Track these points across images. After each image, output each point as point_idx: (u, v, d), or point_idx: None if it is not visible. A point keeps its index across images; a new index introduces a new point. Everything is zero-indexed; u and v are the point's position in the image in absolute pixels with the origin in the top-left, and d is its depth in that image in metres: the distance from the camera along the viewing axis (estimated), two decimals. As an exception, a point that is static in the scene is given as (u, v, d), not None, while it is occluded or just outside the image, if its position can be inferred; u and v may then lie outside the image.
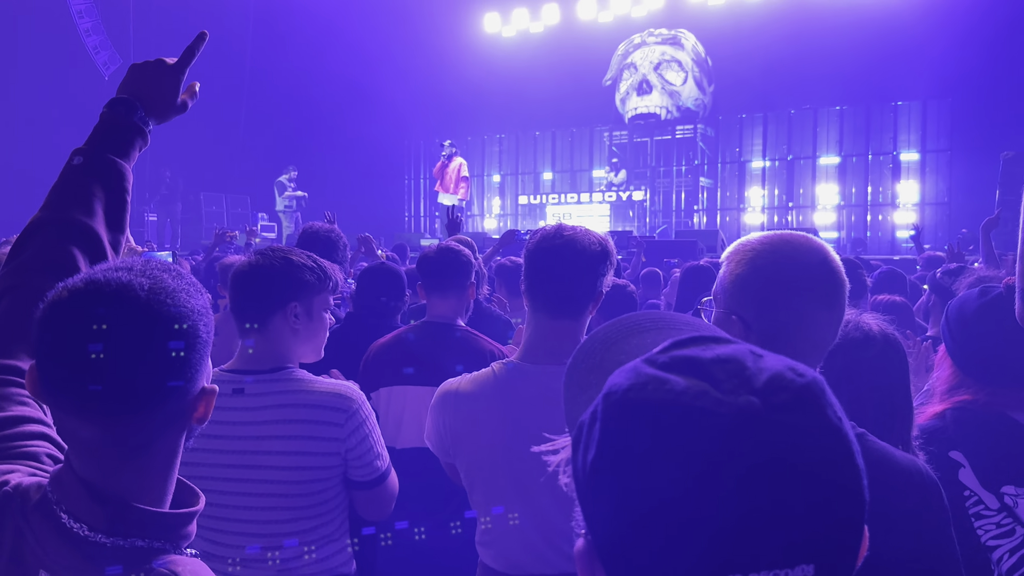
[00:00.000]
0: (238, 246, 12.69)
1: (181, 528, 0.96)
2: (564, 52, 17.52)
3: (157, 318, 0.90)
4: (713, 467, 0.52)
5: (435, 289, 2.63)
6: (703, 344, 0.59)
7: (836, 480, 0.54)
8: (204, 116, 16.07)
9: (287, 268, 1.92)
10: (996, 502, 1.68)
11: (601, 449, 0.56)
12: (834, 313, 1.27)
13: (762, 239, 1.33)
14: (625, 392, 0.57)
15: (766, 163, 16.37)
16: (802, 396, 0.55)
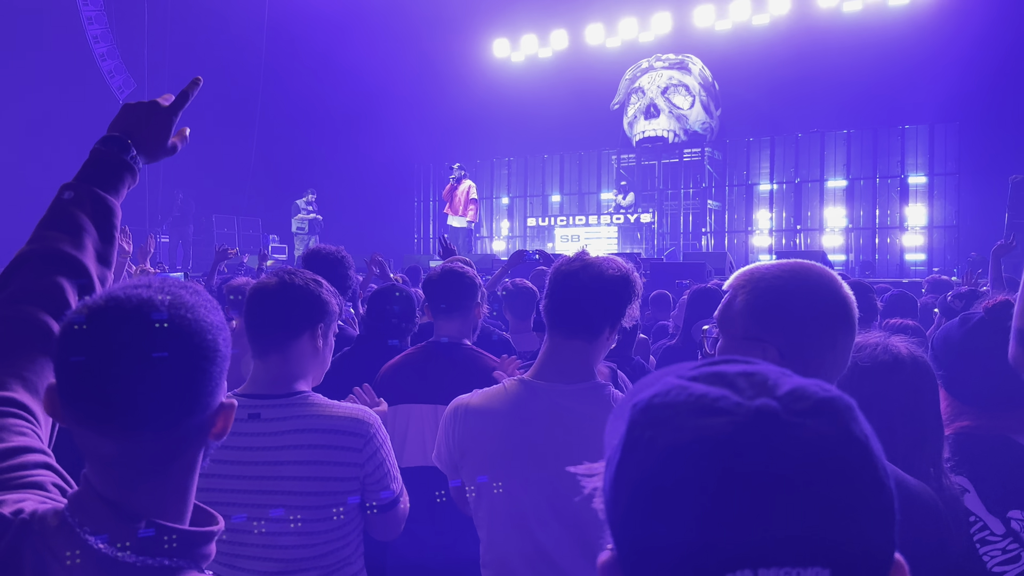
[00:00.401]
0: (249, 268, 12.78)
1: (203, 546, 0.96)
2: (572, 77, 17.67)
3: (179, 333, 0.91)
4: (730, 462, 0.53)
5: (441, 310, 2.65)
6: (732, 363, 0.61)
7: (856, 489, 0.54)
8: (216, 139, 16.25)
9: (316, 290, 1.93)
10: (1002, 527, 1.67)
11: (624, 453, 0.58)
12: (852, 339, 1.31)
13: (781, 267, 1.36)
14: (649, 399, 0.59)
15: (773, 186, 16.41)
16: (823, 406, 0.56)
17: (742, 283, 1.37)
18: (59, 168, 13.07)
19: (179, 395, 0.92)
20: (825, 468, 0.54)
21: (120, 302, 0.91)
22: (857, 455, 0.55)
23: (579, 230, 15.16)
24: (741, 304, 1.34)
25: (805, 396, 0.56)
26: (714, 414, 0.55)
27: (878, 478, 0.56)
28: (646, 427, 0.57)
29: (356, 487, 1.82)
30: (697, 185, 16.74)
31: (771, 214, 16.39)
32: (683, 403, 0.57)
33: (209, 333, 0.94)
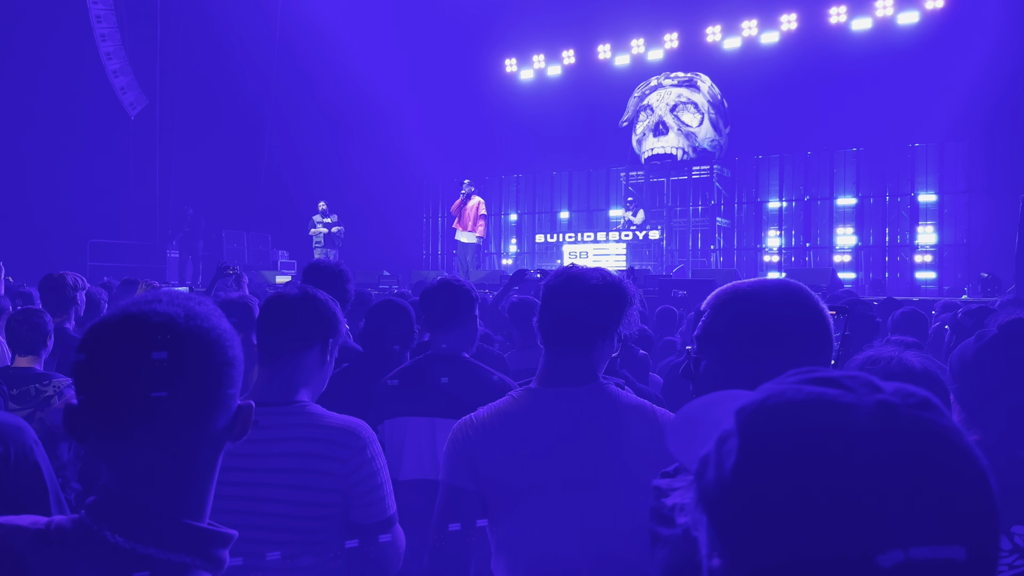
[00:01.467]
0: (259, 283, 12.82)
1: (220, 548, 0.98)
2: (581, 94, 17.75)
3: (198, 343, 0.95)
4: (864, 450, 0.56)
5: (438, 323, 2.65)
6: (822, 371, 0.65)
7: (972, 470, 0.59)
8: (227, 155, 16.39)
9: (334, 307, 1.98)
10: (1008, 543, 1.67)
11: (743, 455, 0.59)
12: (820, 353, 1.29)
13: (765, 284, 1.36)
14: (762, 402, 0.61)
15: (783, 204, 16.38)
16: (927, 400, 0.61)
17: (726, 301, 1.34)
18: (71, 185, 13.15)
19: (201, 402, 0.96)
20: (947, 452, 0.58)
21: (137, 318, 0.95)
22: (964, 441, 0.60)
23: (587, 247, 15.15)
24: (729, 322, 1.32)
25: (911, 393, 0.61)
26: (841, 408, 0.59)
27: (981, 462, 0.61)
28: (770, 431, 0.59)
29: (339, 499, 1.81)
30: (706, 203, 16.74)
31: (780, 232, 16.35)
32: (804, 402, 0.60)
33: (226, 340, 0.99)
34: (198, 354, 0.95)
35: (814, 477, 0.56)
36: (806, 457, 0.57)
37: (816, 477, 0.56)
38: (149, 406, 0.92)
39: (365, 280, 12.26)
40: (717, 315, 1.34)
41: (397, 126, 18.54)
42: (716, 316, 1.34)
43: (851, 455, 0.56)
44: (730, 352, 1.30)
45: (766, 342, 1.29)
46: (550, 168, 18.76)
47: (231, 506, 1.80)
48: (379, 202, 18.78)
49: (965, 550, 0.56)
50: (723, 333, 1.32)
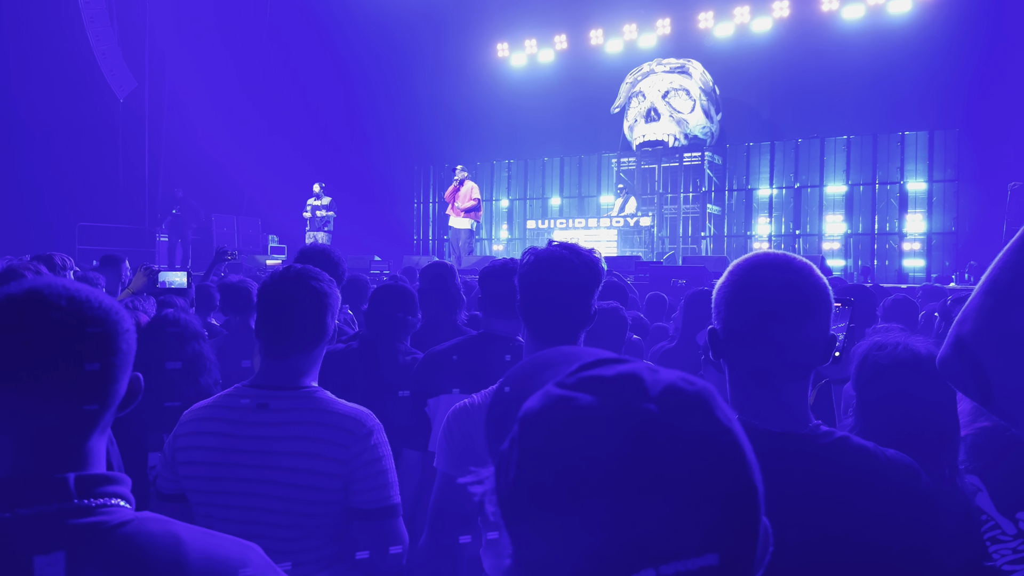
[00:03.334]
0: (249, 267, 12.79)
1: (101, 486, 1.03)
2: (573, 80, 17.71)
3: (85, 318, 1.02)
4: (619, 470, 0.57)
5: (498, 304, 2.64)
6: (606, 364, 0.66)
7: (730, 474, 0.60)
8: (216, 139, 16.28)
9: (335, 293, 1.98)
10: (1013, 528, 1.69)
11: (520, 467, 0.61)
12: (799, 330, 1.30)
13: (747, 257, 1.40)
14: (537, 413, 0.62)
15: (773, 191, 16.43)
16: (693, 401, 0.61)
17: (743, 273, 1.37)
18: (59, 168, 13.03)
19: (90, 376, 1.02)
20: (704, 463, 0.59)
21: (38, 290, 1.02)
22: (726, 442, 0.61)
23: (578, 233, 15.16)
24: (746, 294, 1.36)
25: (676, 393, 0.61)
26: (603, 425, 0.59)
27: (744, 458, 0.61)
28: (541, 447, 0.60)
29: (340, 485, 1.82)
30: (697, 189, 16.77)
31: (770, 219, 16.42)
32: (572, 418, 0.60)
33: (113, 316, 1.05)
34: (92, 330, 1.01)
35: (569, 497, 0.57)
36: (570, 477, 0.58)
37: (570, 498, 0.57)
38: (47, 382, 0.98)
39: (356, 265, 12.25)
40: (730, 282, 1.37)
41: (388, 111, 18.46)
42: (729, 283, 1.37)
43: (602, 474, 0.57)
44: (743, 323, 1.33)
45: (719, 310, 1.35)
46: (542, 154, 18.74)
47: (237, 488, 1.82)
48: (370, 187, 18.72)
49: (719, 556, 0.57)
50: (739, 305, 1.34)
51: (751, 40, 16.15)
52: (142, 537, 1.00)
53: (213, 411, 1.91)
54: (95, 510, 0.99)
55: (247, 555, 1.06)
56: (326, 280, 1.97)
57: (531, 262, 1.88)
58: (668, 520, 0.57)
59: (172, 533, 1.02)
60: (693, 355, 3.62)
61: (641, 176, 17.31)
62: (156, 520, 1.04)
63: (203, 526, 1.14)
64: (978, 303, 1.13)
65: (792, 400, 1.32)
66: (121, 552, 0.98)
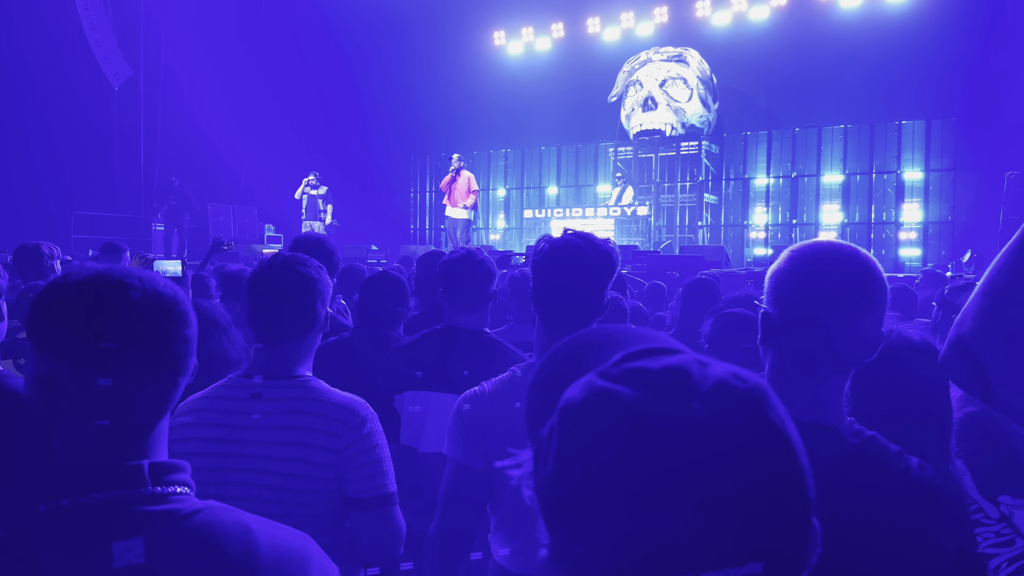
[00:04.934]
0: (246, 256, 12.78)
1: (169, 474, 1.04)
2: (570, 69, 17.65)
3: (156, 304, 1.03)
4: (662, 473, 0.55)
5: (460, 296, 2.63)
6: (652, 355, 0.62)
7: (779, 481, 0.57)
8: (211, 128, 16.22)
9: (326, 279, 1.98)
10: (995, 511, 1.71)
11: (558, 461, 0.59)
12: (858, 323, 1.30)
13: (810, 243, 1.39)
14: (578, 406, 0.60)
15: (770, 180, 16.43)
16: (744, 401, 0.58)
17: (801, 259, 1.37)
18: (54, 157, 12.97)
19: (152, 363, 1.03)
20: (752, 468, 0.56)
21: (103, 277, 1.02)
22: (777, 445, 0.58)
23: (576, 222, 15.15)
24: (803, 280, 1.36)
25: (726, 392, 0.58)
26: (646, 425, 0.57)
27: (796, 462, 0.58)
28: (581, 443, 0.58)
29: (333, 474, 1.82)
30: (694, 179, 16.76)
31: (767, 208, 16.42)
32: (614, 415, 0.58)
33: (181, 303, 1.06)
34: (170, 327, 1.02)
35: (615, 498, 0.55)
36: (611, 477, 0.56)
37: (611, 498, 0.55)
38: (119, 376, 0.98)
39: (353, 254, 12.24)
40: (793, 268, 1.36)
41: (385, 99, 18.39)
42: (791, 269, 1.36)
43: (650, 477, 0.55)
44: (804, 311, 1.32)
45: (774, 293, 1.35)
46: (539, 143, 18.70)
47: (231, 478, 1.82)
48: (367, 176, 18.68)
49: (763, 565, 0.55)
50: (802, 292, 1.33)
51: (748, 28, 16.10)
52: (215, 526, 1.01)
53: (207, 401, 1.91)
54: (167, 498, 1.01)
55: (307, 544, 1.08)
56: (314, 266, 1.96)
57: (545, 250, 1.87)
58: (711, 527, 0.54)
59: (242, 523, 1.04)
60: (692, 344, 3.63)
61: (638, 165, 17.30)
62: (226, 510, 1.05)
63: None
64: (977, 303, 1.14)
65: (832, 393, 1.33)
66: (196, 540, 0.99)
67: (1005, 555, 1.70)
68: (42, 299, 1.00)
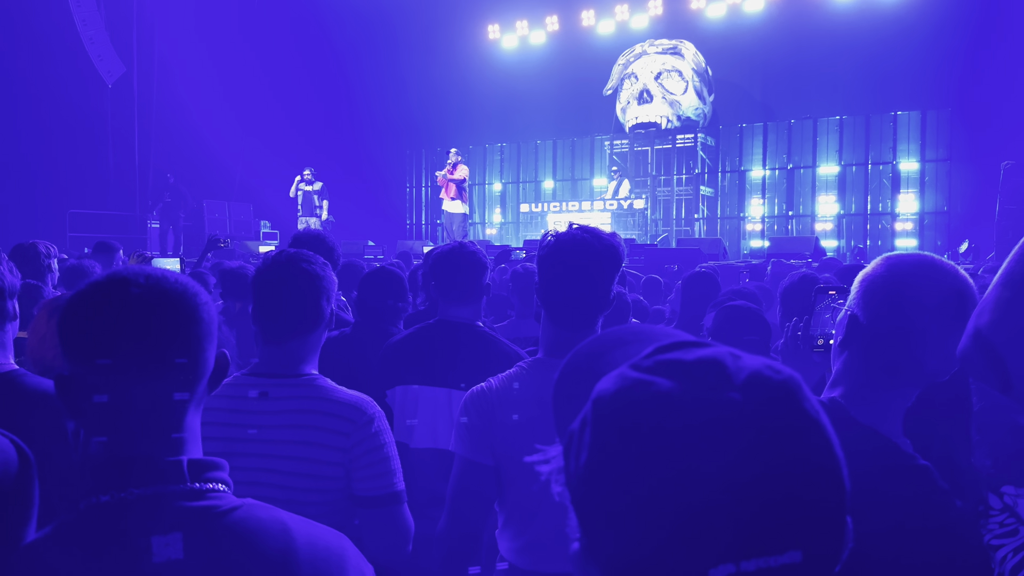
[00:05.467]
0: (242, 253, 12.75)
1: (208, 471, 1.05)
2: (565, 62, 17.63)
3: (178, 307, 1.03)
4: (700, 461, 0.55)
5: (452, 291, 2.62)
6: (685, 348, 0.62)
7: (816, 470, 0.57)
8: (206, 124, 16.17)
9: (331, 276, 1.96)
10: (999, 502, 1.71)
11: (593, 451, 0.59)
12: (948, 340, 1.29)
13: (911, 253, 1.40)
14: (612, 396, 0.60)
15: (766, 172, 16.44)
16: (779, 391, 0.59)
17: (894, 273, 1.38)
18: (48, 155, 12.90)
19: (184, 362, 1.04)
20: (790, 457, 0.56)
21: (127, 279, 1.03)
22: (813, 435, 0.58)
23: (572, 216, 15.14)
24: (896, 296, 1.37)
25: (761, 383, 0.58)
26: (682, 413, 0.57)
27: (832, 454, 0.59)
28: (616, 432, 0.58)
29: (342, 473, 1.81)
30: (690, 171, 16.76)
31: (763, 200, 16.43)
32: (649, 404, 0.58)
33: (198, 298, 1.07)
34: (178, 317, 1.02)
35: (651, 487, 0.55)
36: (647, 466, 0.56)
37: (649, 487, 0.55)
38: (140, 370, 0.99)
39: (350, 250, 12.22)
40: (891, 275, 1.36)
41: (380, 94, 18.35)
42: (889, 275, 1.36)
43: (687, 465, 0.55)
44: (900, 321, 1.33)
45: (865, 297, 1.36)
46: (534, 137, 18.68)
47: (239, 478, 1.79)
48: (362, 171, 18.65)
49: (802, 553, 0.55)
50: (901, 303, 1.34)
51: (743, 20, 16.09)
52: (253, 523, 1.02)
53: (213, 400, 1.89)
54: (205, 494, 1.02)
55: (344, 544, 1.08)
56: (319, 263, 1.94)
57: (551, 244, 1.86)
58: (751, 515, 0.54)
59: (280, 521, 1.04)
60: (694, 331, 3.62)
61: (634, 158, 17.29)
62: (263, 507, 1.06)
63: None
64: (995, 295, 1.14)
65: (899, 405, 1.35)
66: (234, 537, 1.00)
67: (1010, 545, 1.70)
68: (70, 305, 1.02)
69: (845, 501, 0.59)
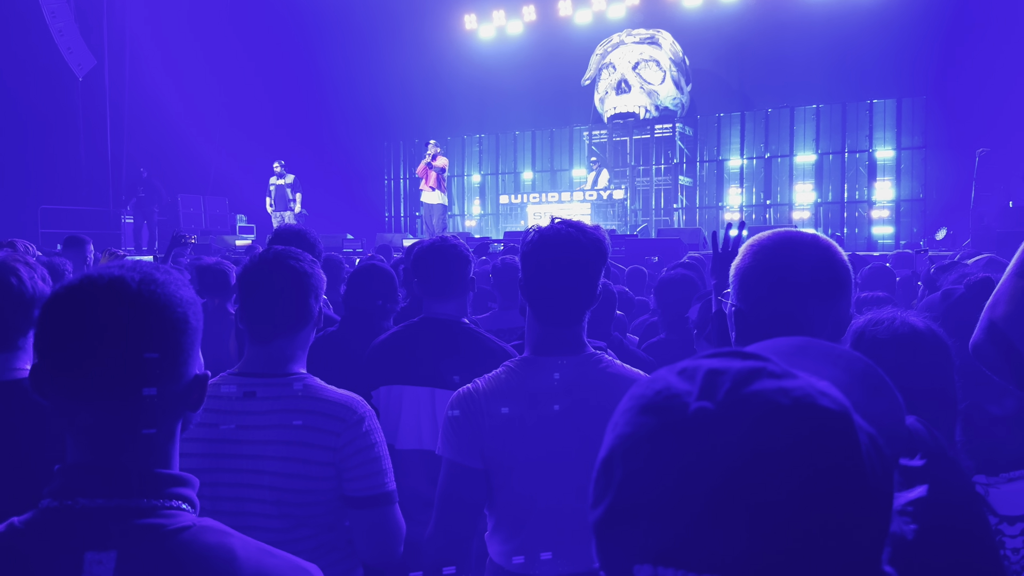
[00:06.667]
0: (218, 248, 12.60)
1: (183, 488, 1.02)
2: (543, 52, 17.56)
3: (154, 308, 0.99)
4: (641, 460, 0.55)
5: (435, 286, 2.58)
6: (725, 356, 0.60)
7: (754, 494, 0.54)
8: (179, 117, 15.95)
9: (320, 274, 1.92)
10: None
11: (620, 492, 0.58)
12: (830, 308, 1.30)
13: (770, 235, 1.37)
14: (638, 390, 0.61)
15: (744, 161, 16.51)
16: (769, 412, 0.56)
17: (766, 249, 1.36)
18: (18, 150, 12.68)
19: (157, 366, 0.98)
20: (718, 473, 0.53)
21: (93, 280, 0.98)
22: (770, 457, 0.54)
23: (551, 207, 15.12)
24: (768, 270, 1.36)
25: (752, 400, 0.55)
26: (654, 412, 0.57)
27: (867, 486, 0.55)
28: (618, 414, 0.60)
29: (332, 473, 1.78)
30: (668, 161, 16.78)
31: (741, 189, 16.51)
32: (645, 396, 0.58)
33: (179, 307, 1.01)
34: (154, 319, 0.98)
35: (609, 473, 0.57)
36: (610, 456, 0.58)
37: (610, 474, 0.57)
38: (106, 368, 0.95)
39: (328, 244, 12.08)
40: (735, 262, 1.35)
41: (356, 85, 18.20)
42: (735, 263, 1.35)
43: (628, 464, 0.56)
44: (778, 304, 1.31)
45: (745, 289, 1.34)
46: (513, 128, 18.62)
47: (228, 479, 1.77)
48: (339, 164, 18.50)
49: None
50: (772, 285, 1.32)
51: (720, 10, 16.11)
52: (196, 547, 0.97)
53: None
54: (156, 511, 0.98)
55: None
56: (307, 260, 1.90)
57: (534, 240, 1.81)
58: (679, 525, 0.53)
59: (228, 547, 0.98)
60: (679, 331, 3.60)
61: (613, 149, 17.28)
62: (215, 531, 1.00)
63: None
64: (1009, 285, 1.12)
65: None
66: (172, 560, 0.95)
67: None
68: (46, 308, 1.00)
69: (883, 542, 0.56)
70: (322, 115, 18.57)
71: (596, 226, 1.90)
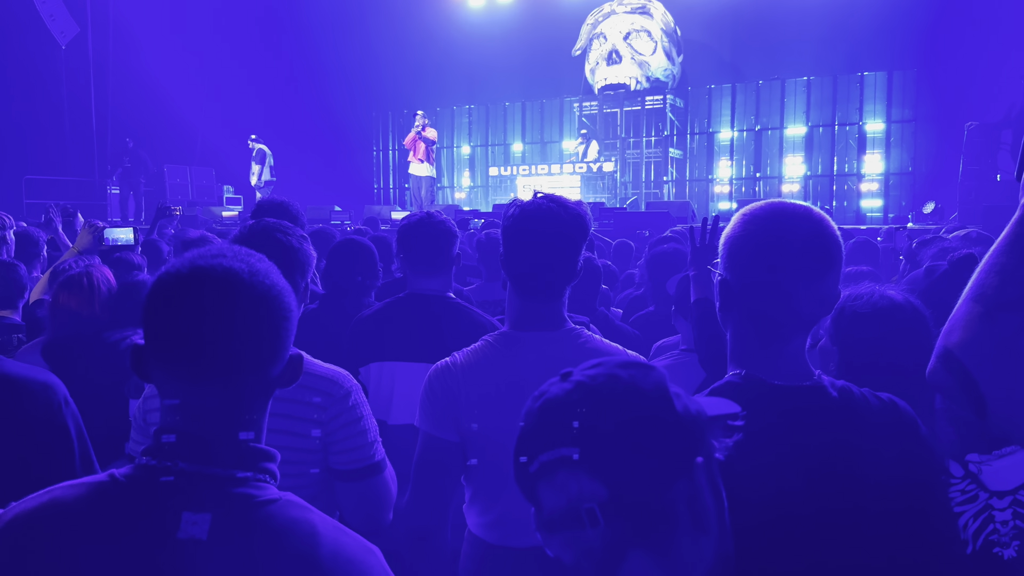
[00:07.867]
0: (205, 219, 12.51)
1: (271, 462, 1.09)
2: (533, 21, 17.38)
3: (259, 297, 1.05)
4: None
5: (421, 263, 2.57)
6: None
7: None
8: (165, 86, 15.75)
9: (308, 249, 1.90)
10: (961, 470, 1.74)
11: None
12: (818, 283, 1.29)
13: (762, 205, 1.35)
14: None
15: (734, 134, 16.45)
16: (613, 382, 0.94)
17: (754, 220, 1.35)
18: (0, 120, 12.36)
19: (259, 351, 1.06)
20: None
21: (206, 272, 1.03)
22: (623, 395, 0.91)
23: (541, 179, 15.06)
24: (759, 241, 1.36)
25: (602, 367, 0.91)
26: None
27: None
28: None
29: (318, 447, 1.78)
30: (659, 133, 16.70)
31: (731, 162, 16.47)
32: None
33: (284, 296, 1.09)
34: (259, 307, 1.05)
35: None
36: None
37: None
38: (218, 357, 1.02)
39: (316, 216, 12.03)
40: (747, 232, 1.33)
41: (344, 55, 17.98)
42: (746, 233, 1.33)
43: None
44: (763, 275, 1.30)
45: (732, 258, 1.33)
46: (502, 99, 18.47)
47: None
48: (327, 135, 18.33)
49: (579, 450, 0.87)
50: (759, 256, 1.30)
51: (712, -20, 15.95)
52: (282, 521, 1.03)
53: None
54: (247, 481, 1.04)
55: (370, 559, 1.08)
56: (296, 236, 1.88)
57: (515, 215, 1.81)
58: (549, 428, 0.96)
59: (310, 523, 1.05)
60: (661, 301, 3.61)
61: (603, 120, 17.17)
62: (298, 506, 1.07)
63: None
64: (965, 311, 1.06)
65: (798, 353, 1.31)
66: (261, 530, 1.01)
67: (971, 511, 1.74)
68: (157, 296, 1.04)
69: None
70: (311, 85, 18.37)
71: (578, 201, 1.89)
